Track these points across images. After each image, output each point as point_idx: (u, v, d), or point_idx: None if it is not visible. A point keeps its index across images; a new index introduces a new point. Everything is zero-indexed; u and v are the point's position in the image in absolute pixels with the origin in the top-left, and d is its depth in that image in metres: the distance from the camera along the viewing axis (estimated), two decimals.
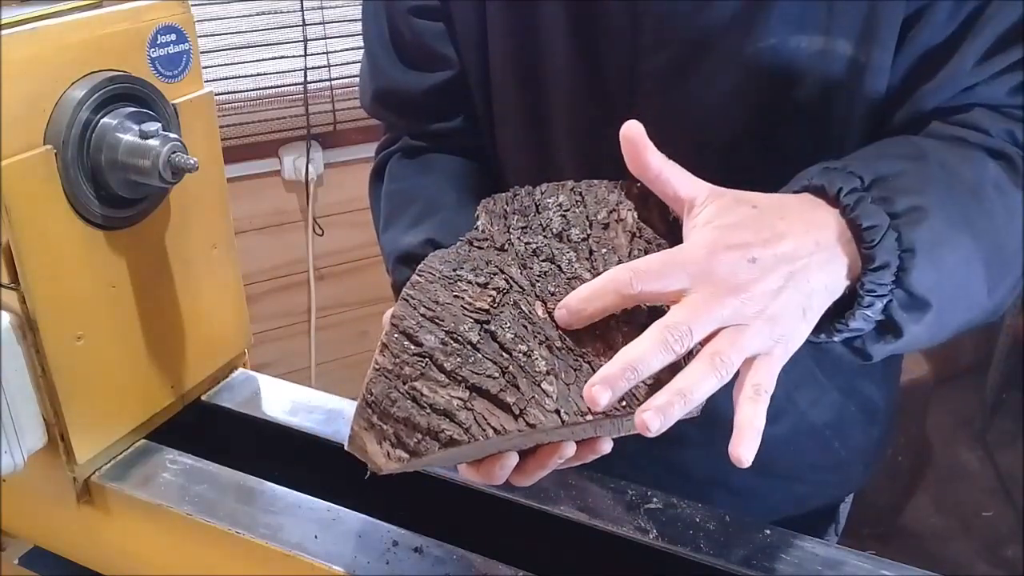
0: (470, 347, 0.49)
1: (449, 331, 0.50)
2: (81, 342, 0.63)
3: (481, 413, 0.47)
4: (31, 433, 0.62)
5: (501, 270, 0.54)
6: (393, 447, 0.47)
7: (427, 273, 0.54)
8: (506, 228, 0.58)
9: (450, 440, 0.46)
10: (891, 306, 0.52)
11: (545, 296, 0.52)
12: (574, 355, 0.49)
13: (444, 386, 0.48)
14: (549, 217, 0.57)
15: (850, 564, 0.58)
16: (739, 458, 0.46)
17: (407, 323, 0.51)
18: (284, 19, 1.94)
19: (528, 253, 0.55)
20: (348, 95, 2.01)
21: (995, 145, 0.59)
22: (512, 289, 0.52)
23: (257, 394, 0.78)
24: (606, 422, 0.49)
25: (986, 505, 2.19)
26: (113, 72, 0.62)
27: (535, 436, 0.48)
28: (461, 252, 0.56)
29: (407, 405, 0.48)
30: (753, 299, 0.48)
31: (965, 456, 2.35)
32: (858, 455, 0.83)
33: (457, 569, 0.58)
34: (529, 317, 0.51)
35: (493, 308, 0.51)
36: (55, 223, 0.60)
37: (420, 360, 0.49)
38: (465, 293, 0.52)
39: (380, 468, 0.48)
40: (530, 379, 0.48)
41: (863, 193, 0.52)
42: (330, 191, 2.07)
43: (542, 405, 0.47)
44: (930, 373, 2.03)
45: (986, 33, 0.59)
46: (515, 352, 0.49)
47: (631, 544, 0.61)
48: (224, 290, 0.77)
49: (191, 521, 0.63)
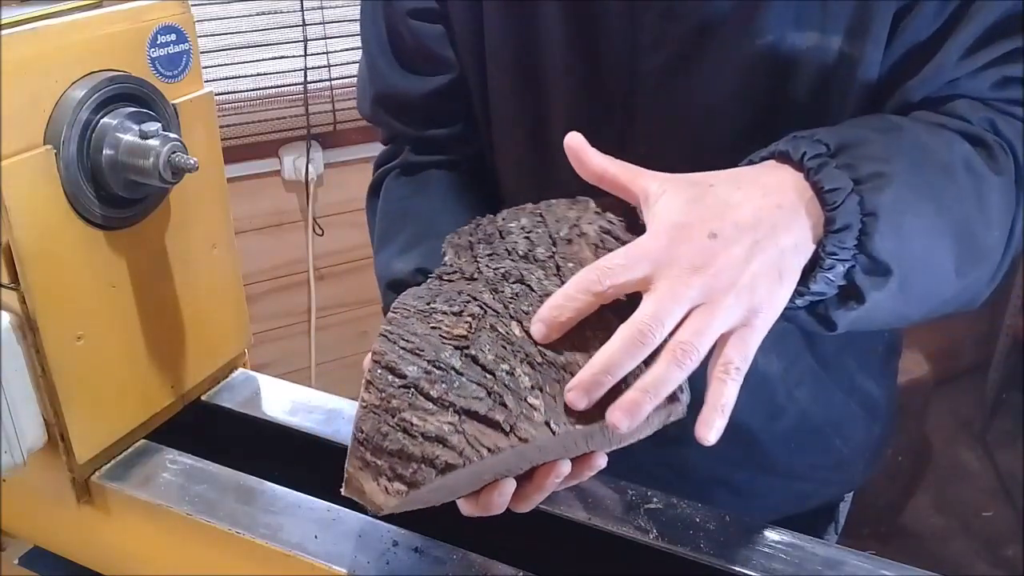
0: (454, 372, 0.49)
1: (431, 360, 0.50)
2: (81, 342, 0.63)
3: (473, 435, 0.47)
4: (31, 433, 0.62)
5: (474, 297, 0.54)
6: (390, 481, 0.48)
7: (402, 310, 0.55)
8: (473, 258, 0.58)
9: (446, 465, 0.46)
10: (853, 271, 0.52)
11: (520, 316, 0.52)
12: (556, 368, 0.50)
13: (433, 413, 0.48)
14: (514, 240, 0.58)
15: (850, 564, 0.58)
16: (702, 437, 0.46)
17: (389, 357, 0.51)
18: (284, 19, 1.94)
19: (498, 278, 0.55)
20: (348, 95, 2.01)
21: (973, 131, 0.59)
22: (487, 313, 0.53)
23: (257, 394, 0.78)
24: (597, 433, 0.49)
25: (986, 505, 2.19)
26: (113, 72, 0.62)
27: (529, 454, 0.49)
28: (432, 287, 0.57)
29: (399, 437, 0.48)
30: (721, 273, 0.48)
31: (965, 456, 2.35)
32: (859, 453, 0.83)
33: (457, 569, 0.58)
34: (507, 338, 0.51)
35: (471, 333, 0.51)
36: (55, 223, 0.60)
37: (406, 391, 0.49)
38: (441, 324, 0.52)
39: (380, 507, 0.48)
40: (516, 396, 0.48)
41: (827, 158, 0.52)
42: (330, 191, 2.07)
43: (531, 419, 0.47)
44: (930, 373, 2.03)
45: (971, 28, 0.59)
46: (498, 372, 0.49)
47: (631, 544, 0.61)
48: (224, 290, 0.77)
49: (191, 521, 0.63)
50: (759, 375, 0.73)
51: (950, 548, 2.08)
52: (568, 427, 0.47)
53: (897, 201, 0.52)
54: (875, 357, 0.80)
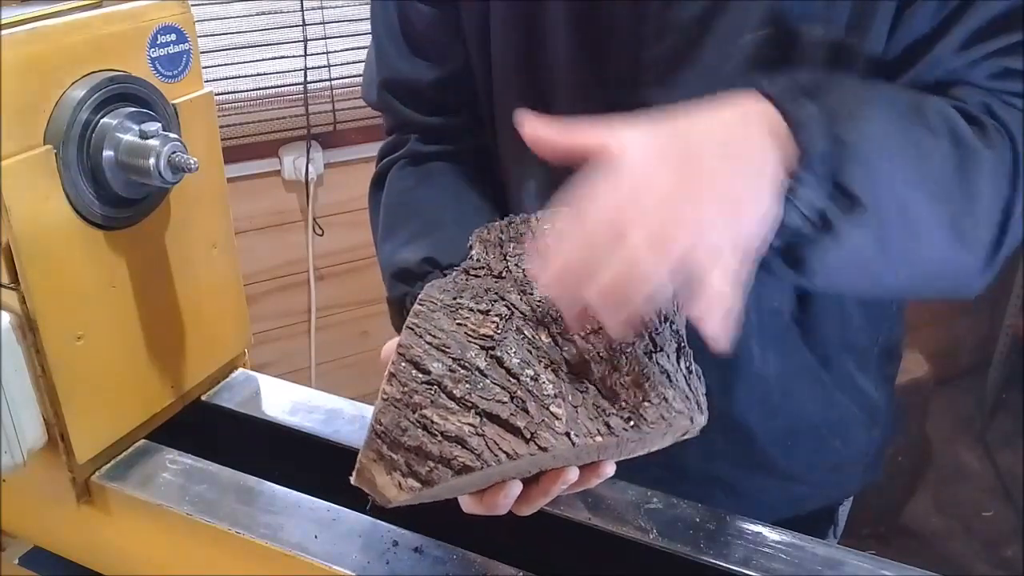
0: (478, 373, 0.49)
1: (456, 358, 0.50)
2: (81, 342, 0.63)
3: (492, 439, 0.47)
4: (31, 433, 0.62)
5: (501, 297, 0.54)
6: (404, 477, 0.47)
7: (428, 302, 0.54)
8: (502, 256, 0.58)
9: (463, 467, 0.46)
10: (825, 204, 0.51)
11: (547, 321, 0.52)
12: (579, 378, 0.50)
13: (454, 413, 0.48)
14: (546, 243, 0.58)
15: (850, 564, 0.58)
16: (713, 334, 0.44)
17: (414, 351, 0.51)
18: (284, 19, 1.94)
19: (526, 279, 0.55)
20: (348, 95, 2.01)
21: (967, 109, 0.58)
22: (514, 315, 0.52)
23: (257, 394, 0.78)
24: (612, 445, 0.49)
25: (986, 505, 2.19)
26: (113, 72, 0.62)
27: (541, 460, 0.48)
28: (459, 281, 0.57)
29: (418, 434, 0.48)
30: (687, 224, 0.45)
31: (965, 456, 2.35)
32: (857, 457, 0.83)
33: (457, 569, 0.58)
34: (533, 342, 0.51)
35: (497, 334, 0.51)
36: (55, 223, 0.60)
37: (429, 388, 0.49)
38: (468, 320, 0.52)
39: (390, 500, 0.48)
40: (539, 403, 0.48)
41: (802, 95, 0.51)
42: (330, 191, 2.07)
43: (552, 428, 0.47)
44: (930, 373, 2.03)
45: (970, 22, 0.59)
46: (522, 377, 0.49)
47: (631, 544, 0.61)
48: (224, 290, 0.77)
49: (191, 521, 0.63)
50: (756, 372, 0.73)
51: (950, 548, 2.08)
52: (588, 439, 0.47)
53: (870, 139, 0.51)
54: (873, 357, 0.80)
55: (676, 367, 0.51)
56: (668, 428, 0.49)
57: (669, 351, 0.52)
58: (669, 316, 0.54)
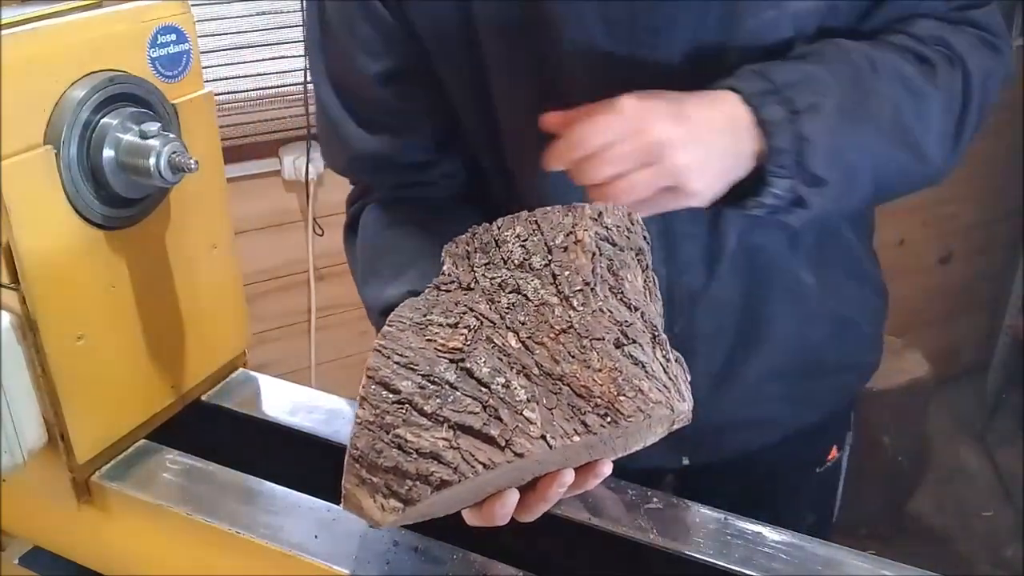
0: (448, 387, 0.49)
1: (425, 374, 0.50)
2: (81, 342, 0.63)
3: (468, 450, 0.47)
4: (31, 433, 0.62)
5: (470, 308, 0.54)
6: (386, 498, 0.48)
7: (398, 323, 0.54)
8: (470, 267, 0.58)
9: (441, 482, 0.46)
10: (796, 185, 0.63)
11: (516, 326, 0.52)
12: (552, 379, 0.49)
13: (427, 429, 0.48)
14: (509, 249, 0.57)
15: (850, 564, 0.58)
16: None
17: (382, 373, 0.51)
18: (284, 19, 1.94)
19: (494, 288, 0.55)
20: None
21: (920, 50, 0.67)
22: (483, 325, 0.52)
23: (257, 394, 0.78)
24: (598, 443, 0.49)
25: (986, 505, 2.19)
26: (113, 72, 0.62)
27: (527, 467, 0.48)
28: (430, 298, 0.56)
29: (393, 454, 0.48)
30: None
31: (965, 456, 2.35)
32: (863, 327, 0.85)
33: (457, 569, 0.58)
34: (504, 349, 0.51)
35: (466, 346, 0.51)
36: (55, 223, 0.60)
37: (400, 407, 0.49)
38: (437, 336, 0.52)
39: (379, 523, 0.48)
40: (512, 409, 0.48)
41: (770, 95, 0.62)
42: (330, 191, 2.07)
43: (527, 433, 0.47)
44: (930, 373, 2.03)
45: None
46: (493, 385, 0.49)
47: (631, 544, 0.61)
48: (224, 290, 0.77)
49: (191, 521, 0.63)
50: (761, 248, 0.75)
51: (950, 548, 2.08)
52: (566, 440, 0.47)
53: (830, 131, 0.62)
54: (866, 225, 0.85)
55: (651, 357, 0.51)
56: (648, 419, 0.48)
57: (643, 342, 0.51)
58: (639, 307, 0.54)
